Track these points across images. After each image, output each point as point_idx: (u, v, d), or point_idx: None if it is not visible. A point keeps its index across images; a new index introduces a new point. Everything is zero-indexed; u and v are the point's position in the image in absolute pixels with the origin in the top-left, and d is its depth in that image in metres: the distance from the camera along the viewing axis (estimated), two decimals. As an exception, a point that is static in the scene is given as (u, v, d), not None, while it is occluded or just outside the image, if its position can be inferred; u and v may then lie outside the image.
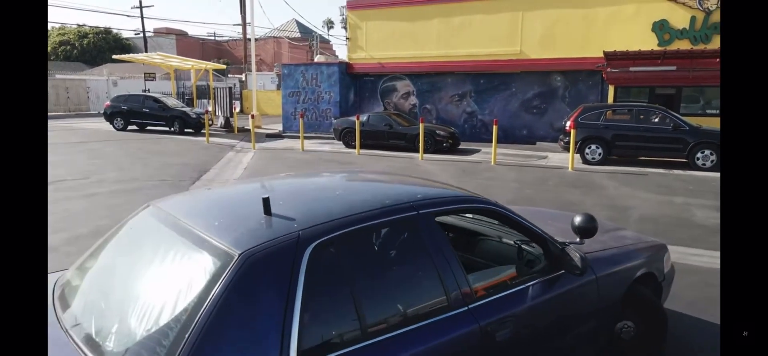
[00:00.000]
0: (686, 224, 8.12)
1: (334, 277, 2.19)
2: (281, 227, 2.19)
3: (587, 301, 3.14)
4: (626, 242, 3.83)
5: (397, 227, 2.46)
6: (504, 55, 18.16)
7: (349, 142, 17.28)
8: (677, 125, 13.18)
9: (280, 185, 3.15)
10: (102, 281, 2.52)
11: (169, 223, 2.46)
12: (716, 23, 15.22)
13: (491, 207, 3.00)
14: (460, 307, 2.44)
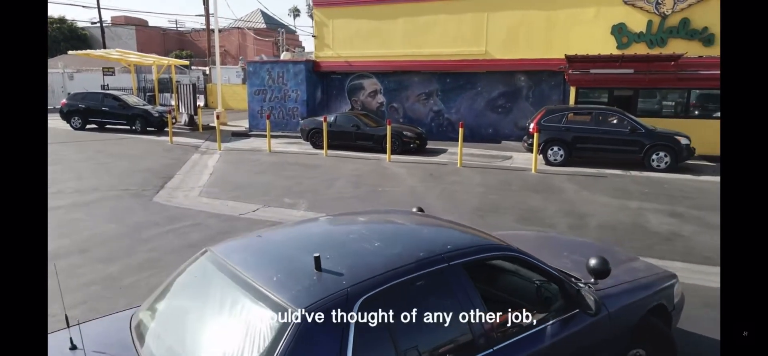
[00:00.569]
0: (641, 231, 8.51)
1: (378, 327, 2.44)
2: (332, 284, 2.49)
3: (600, 335, 3.38)
4: (638, 275, 4.02)
5: (429, 279, 2.76)
6: (470, 55, 18.40)
7: (316, 142, 17.24)
8: (634, 128, 13.70)
9: (321, 232, 3.44)
10: (172, 324, 2.83)
11: (228, 273, 2.73)
12: (671, 27, 15.82)
13: (514, 254, 3.24)
14: (485, 349, 2.74)
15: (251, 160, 15.40)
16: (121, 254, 7.10)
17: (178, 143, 18.73)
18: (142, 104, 22.22)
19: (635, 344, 3.68)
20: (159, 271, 6.47)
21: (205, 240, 7.66)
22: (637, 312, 3.65)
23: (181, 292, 3.01)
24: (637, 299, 3.69)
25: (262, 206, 9.89)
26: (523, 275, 3.48)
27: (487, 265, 3.41)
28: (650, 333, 3.74)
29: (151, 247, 7.40)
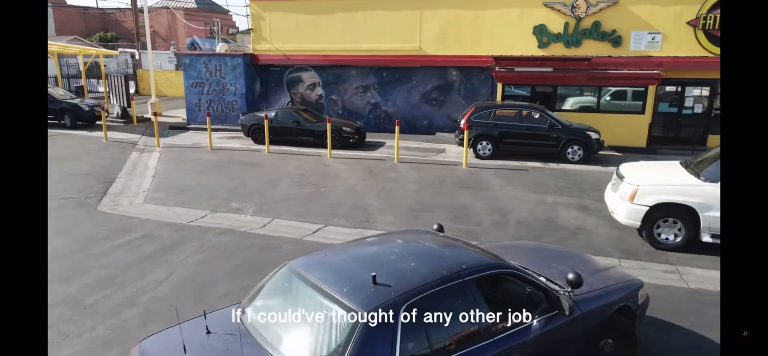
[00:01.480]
0: (552, 226, 9.77)
1: (416, 324, 3.59)
2: (384, 294, 3.61)
3: (576, 330, 4.52)
4: (609, 283, 5.12)
5: (449, 291, 3.88)
6: (405, 50, 19.24)
7: (257, 138, 17.56)
8: (552, 124, 15.13)
9: (371, 253, 4.47)
10: (270, 317, 3.88)
11: (310, 284, 3.89)
12: (585, 29, 17.36)
13: (510, 270, 4.36)
14: (488, 339, 3.90)
15: (193, 158, 15.53)
16: (75, 272, 7.42)
17: (113, 139, 18.37)
18: (70, 97, 21.42)
19: (605, 336, 4.85)
20: (118, 288, 6.90)
21: (159, 253, 8.11)
22: (605, 312, 4.78)
23: (272, 294, 4.17)
24: (606, 302, 4.80)
25: (210, 212, 10.33)
26: (516, 283, 4.53)
27: (492, 277, 4.44)
28: (616, 327, 4.90)
29: (104, 263, 7.75)
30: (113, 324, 5.98)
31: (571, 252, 6.32)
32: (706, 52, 16.50)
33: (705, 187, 8.02)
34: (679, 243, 8.32)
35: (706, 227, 8.04)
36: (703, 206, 7.98)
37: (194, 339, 3.78)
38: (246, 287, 6.83)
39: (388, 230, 9.05)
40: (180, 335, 3.74)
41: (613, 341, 4.87)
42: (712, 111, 17.40)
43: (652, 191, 8.38)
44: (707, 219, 7.97)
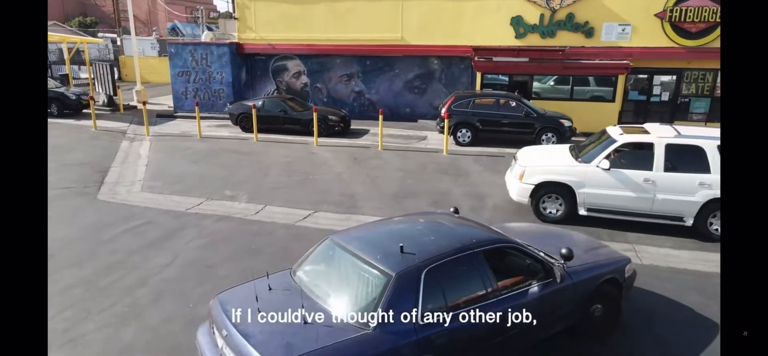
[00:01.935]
0: (522, 211, 10.60)
1: (434, 283, 4.49)
2: (410, 259, 4.52)
3: (567, 295, 5.38)
4: (598, 258, 6.05)
5: (462, 260, 4.77)
6: (387, 40, 19.84)
7: (245, 126, 18.08)
8: (528, 112, 15.97)
9: (399, 230, 5.35)
10: (320, 278, 4.93)
11: (350, 252, 4.81)
12: (560, 20, 18.16)
13: (511, 245, 5.27)
14: (492, 299, 4.78)
15: (184, 147, 16.02)
16: (86, 257, 8.04)
17: (102, 128, 18.72)
18: (56, 85, 21.57)
19: (595, 301, 5.73)
20: (128, 271, 7.55)
21: (162, 239, 8.75)
22: (594, 281, 5.67)
23: (317, 261, 5.12)
24: (594, 274, 5.70)
25: (205, 200, 10.95)
26: (517, 255, 5.35)
27: (497, 250, 5.23)
28: (604, 295, 5.79)
29: (112, 249, 8.37)
30: (129, 302, 6.65)
31: (569, 233, 7.20)
32: (672, 43, 17.45)
33: (580, 167, 9.36)
34: (560, 216, 9.59)
35: (581, 202, 9.41)
36: (578, 184, 9.33)
37: (261, 294, 4.66)
38: (246, 268, 7.56)
39: (376, 215, 9.83)
40: (249, 290, 4.70)
41: (602, 306, 5.80)
42: (678, 99, 18.43)
43: (536, 172, 9.67)
44: (582, 195, 9.34)
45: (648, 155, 9.07)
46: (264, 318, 4.30)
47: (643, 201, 9.08)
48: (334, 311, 4.38)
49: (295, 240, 8.77)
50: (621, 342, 5.92)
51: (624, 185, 9.13)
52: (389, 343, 4.15)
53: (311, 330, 4.17)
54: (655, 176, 8.99)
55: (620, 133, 9.62)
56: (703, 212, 8.79)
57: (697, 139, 8.89)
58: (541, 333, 5.31)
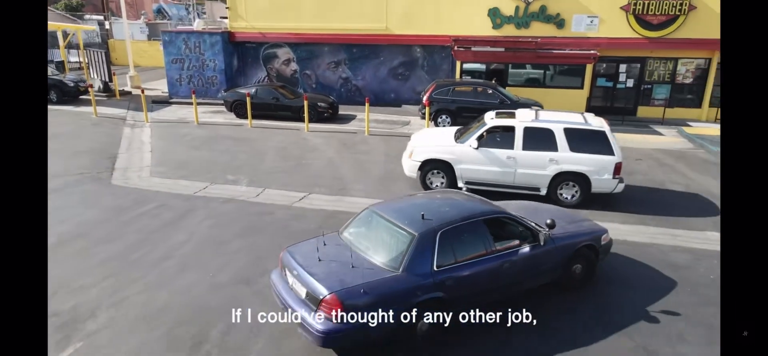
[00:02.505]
0: (490, 195, 12.04)
1: (447, 242, 6.07)
2: (429, 223, 6.10)
3: (551, 256, 6.98)
4: (579, 229, 7.56)
5: (467, 225, 6.36)
6: (372, 30, 20.97)
7: (239, 113, 19.20)
8: (502, 100, 17.33)
9: (422, 203, 6.83)
10: (362, 237, 6.53)
11: (385, 219, 6.47)
12: (533, 12, 19.45)
13: (505, 214, 6.82)
14: (490, 255, 6.39)
15: (183, 134, 17.13)
16: (114, 235, 9.29)
17: (102, 114, 19.69)
18: (54, 73, 22.36)
19: (575, 262, 7.37)
20: (153, 247, 8.83)
21: (176, 219, 10.01)
22: (573, 246, 7.24)
23: (359, 225, 6.79)
24: (573, 240, 7.27)
25: (210, 184, 12.19)
26: (511, 223, 6.90)
27: (495, 219, 6.74)
28: (583, 257, 7.40)
29: (135, 229, 9.63)
30: (159, 272, 7.95)
31: (559, 209, 8.84)
32: (636, 34, 18.88)
33: (457, 147, 11.15)
34: (443, 188, 11.25)
35: (459, 177, 11.20)
36: (455, 161, 11.13)
37: (319, 247, 6.36)
38: (253, 243, 8.90)
39: (364, 197, 11.21)
40: (310, 244, 6.51)
41: (581, 266, 7.48)
42: (641, 85, 19.95)
43: (423, 151, 11.41)
44: (459, 170, 11.16)
45: (510, 137, 10.87)
46: (322, 262, 6.01)
47: (507, 175, 10.94)
48: (373, 259, 6.08)
49: (294, 220, 10.11)
50: (594, 291, 7.53)
51: (491, 161, 10.94)
52: (412, 282, 5.80)
53: (357, 271, 5.81)
54: (516, 154, 10.79)
55: (492, 118, 11.34)
56: (553, 184, 10.72)
57: (549, 123, 10.73)
58: (530, 284, 7.04)
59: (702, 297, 7.50)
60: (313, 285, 5.67)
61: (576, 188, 10.76)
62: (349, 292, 5.52)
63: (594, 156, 10.52)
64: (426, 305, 5.89)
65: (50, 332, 6.48)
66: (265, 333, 6.44)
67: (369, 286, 5.61)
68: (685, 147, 16.34)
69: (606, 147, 10.50)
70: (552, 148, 10.61)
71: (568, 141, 10.58)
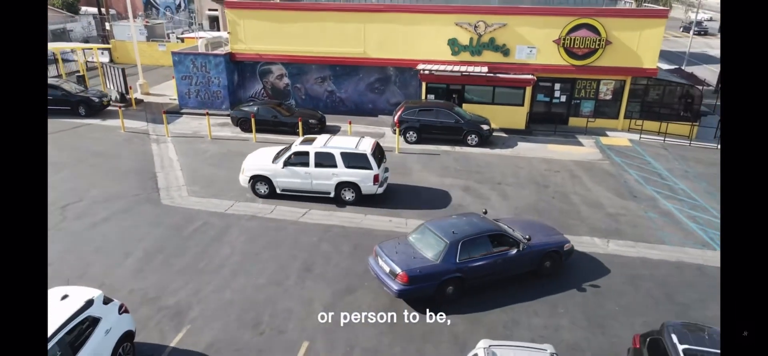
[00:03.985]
0: (448, 205, 16.65)
1: (465, 246, 11.65)
2: (456, 236, 11.73)
3: (527, 256, 12.28)
4: (548, 239, 12.69)
5: (478, 238, 11.91)
6: (352, 54, 25.06)
7: (244, 128, 23.34)
8: (457, 119, 21.83)
9: (452, 222, 12.28)
10: (418, 239, 12.12)
11: (430, 230, 12.14)
12: (484, 43, 23.73)
13: (502, 231, 12.23)
14: (491, 256, 11.93)
15: (202, 150, 21.21)
16: (182, 250, 13.67)
17: (128, 128, 23.60)
18: (80, 90, 25.94)
19: (545, 260, 12.46)
20: (211, 259, 13.26)
21: (219, 235, 14.39)
22: (543, 250, 12.39)
23: (419, 233, 12.24)
24: (543, 248, 12.39)
25: (235, 202, 16.53)
26: (504, 235, 12.11)
27: (494, 234, 11.86)
28: (550, 258, 12.51)
29: (194, 244, 14.01)
30: (220, 277, 12.43)
31: (543, 225, 13.79)
32: (566, 62, 23.40)
33: (273, 166, 16.26)
34: (266, 193, 16.58)
35: (277, 185, 16.43)
36: (272, 176, 16.30)
37: (396, 245, 11.79)
38: (276, 254, 13.41)
39: (350, 213, 15.72)
40: (391, 243, 11.99)
41: (550, 263, 12.33)
42: (572, 101, 24.60)
43: (250, 170, 16.54)
44: (275, 182, 16.36)
45: (307, 158, 16.12)
46: (398, 254, 11.22)
47: (306, 184, 16.36)
48: (425, 253, 11.30)
49: (301, 234, 14.61)
50: (559, 274, 12.31)
51: (295, 175, 16.26)
52: (444, 267, 11.05)
53: (416, 259, 11.14)
54: (310, 170, 16.14)
55: (296, 145, 16.40)
56: (337, 189, 16.22)
57: (331, 148, 16.04)
58: (514, 272, 12.16)
59: (566, 282, 12.33)
60: (393, 266, 11.11)
61: (353, 191, 16.18)
62: (411, 270, 10.93)
63: (361, 170, 15.93)
64: (451, 280, 11.24)
65: (166, 319, 10.98)
66: (294, 317, 11.06)
67: (422, 268, 11.03)
68: (595, 159, 21.14)
69: (368, 164, 15.86)
70: (333, 165, 15.98)
71: (343, 161, 15.92)
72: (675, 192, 18.16)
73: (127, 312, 9.75)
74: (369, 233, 14.75)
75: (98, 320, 8.99)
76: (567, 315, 11.46)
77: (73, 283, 11.88)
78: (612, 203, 17.08)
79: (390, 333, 10.74)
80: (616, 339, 10.66)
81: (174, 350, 10.13)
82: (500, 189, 17.96)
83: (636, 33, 22.44)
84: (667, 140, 23.34)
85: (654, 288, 12.55)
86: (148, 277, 12.48)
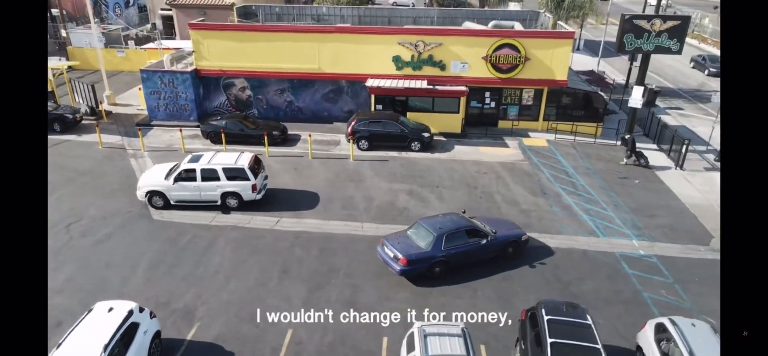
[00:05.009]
0: (395, 209, 20.34)
1: (448, 238, 16.15)
2: (441, 230, 16.27)
3: (494, 245, 16.83)
4: (510, 232, 17.33)
5: (457, 232, 16.45)
6: (308, 69, 28.10)
7: (214, 140, 26.09)
8: (402, 129, 25.49)
9: (439, 220, 16.89)
10: (414, 232, 16.71)
11: (423, 226, 16.67)
12: (424, 59, 27.31)
13: (475, 226, 16.90)
14: (467, 245, 16.45)
15: (178, 164, 23.88)
16: (180, 260, 16.75)
17: (106, 143, 25.81)
18: (54, 107, 27.71)
19: (508, 247, 17.05)
20: (206, 266, 16.43)
21: (208, 245, 17.51)
22: (506, 240, 17.01)
23: (414, 228, 16.86)
24: (506, 239, 17.01)
25: (217, 214, 19.58)
26: (478, 229, 16.60)
27: (469, 228, 16.02)
28: (512, 246, 17.10)
29: (189, 254, 17.10)
30: (216, 282, 15.68)
31: (507, 221, 18.13)
32: (493, 75, 27.41)
33: (165, 182, 19.26)
34: (161, 205, 19.56)
35: (170, 198, 19.45)
36: (166, 190, 19.28)
37: (397, 237, 16.45)
38: (259, 260, 16.73)
39: (315, 218, 19.17)
40: (395, 234, 16.73)
41: (512, 249, 16.92)
42: (500, 106, 28.75)
43: (145, 186, 19.53)
44: (168, 195, 19.39)
45: (194, 174, 19.31)
46: (399, 243, 15.90)
47: (195, 196, 19.52)
48: (419, 243, 15.87)
49: (278, 241, 17.96)
50: (519, 256, 16.09)
51: (185, 189, 19.42)
52: (433, 253, 15.63)
53: (413, 247, 15.76)
54: (198, 184, 19.34)
55: (185, 163, 19.56)
56: (222, 198, 19.49)
57: (215, 165, 19.35)
58: (485, 257, 16.57)
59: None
60: (396, 253, 15.41)
61: (236, 199, 19.53)
62: (409, 255, 15.29)
63: (241, 182, 19.35)
64: (438, 263, 15.53)
65: (179, 319, 14.22)
66: (279, 311, 14.54)
67: (417, 254, 15.39)
68: (517, 160, 25.38)
69: (246, 176, 19.33)
70: (217, 179, 19.34)
71: (225, 175, 19.29)
72: (576, 188, 22.63)
73: (154, 316, 12.96)
74: (331, 238, 18.29)
75: (137, 325, 12.18)
76: (483, 295, 15.51)
77: (94, 294, 14.81)
78: (526, 201, 21.32)
79: (351, 318, 14.41)
80: (516, 313, 14.75)
81: (191, 342, 13.45)
82: (438, 192, 21.85)
83: (549, 51, 26.66)
84: (577, 138, 27.92)
85: (548, 270, 16.82)
86: (157, 285, 15.58)
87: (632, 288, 16.14)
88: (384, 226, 18.91)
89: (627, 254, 17.83)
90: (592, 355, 11.25)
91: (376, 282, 15.94)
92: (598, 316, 14.39)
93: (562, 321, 12.04)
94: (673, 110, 34.22)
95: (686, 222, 20.07)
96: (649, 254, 17.91)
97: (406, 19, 35.06)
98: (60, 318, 13.95)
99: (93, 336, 11.29)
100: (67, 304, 14.56)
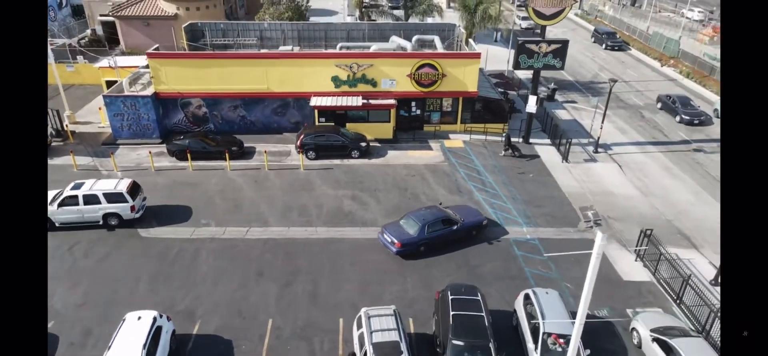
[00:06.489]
0: (342, 213, 25.37)
1: (429, 226, 22.73)
2: (425, 220, 22.88)
3: (463, 230, 23.44)
4: (475, 219, 23.99)
5: (436, 221, 22.99)
6: (258, 89, 32.18)
7: (179, 157, 29.85)
8: (342, 139, 30.37)
9: (423, 212, 23.45)
10: (405, 222, 23.19)
11: (411, 217, 23.27)
12: (358, 78, 32.09)
13: (450, 216, 23.44)
14: (442, 231, 22.98)
15: (153, 183, 27.41)
16: (173, 272, 21.06)
17: (80, 165, 28.91)
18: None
19: (473, 231, 23.71)
20: (195, 276, 20.89)
21: (192, 258, 21.91)
22: (472, 225, 23.68)
23: (405, 218, 23.30)
24: (472, 223, 23.70)
25: (195, 228, 23.84)
26: (451, 218, 23.01)
27: (445, 218, 22.10)
28: (476, 228, 23.76)
29: (179, 267, 21.43)
30: (206, 288, 20.21)
31: (470, 209, 24.23)
32: (417, 89, 32.68)
33: (51, 207, 22.76)
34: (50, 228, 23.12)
35: (55, 221, 22.95)
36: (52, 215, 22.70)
37: (393, 226, 22.84)
38: (237, 266, 21.41)
39: (278, 226, 23.90)
40: (391, 223, 23.17)
41: (475, 232, 23.25)
42: (424, 113, 34.19)
43: None
44: (54, 218, 22.85)
45: (77, 199, 22.64)
46: (394, 231, 22.33)
47: (80, 217, 22.88)
48: (408, 231, 22.33)
49: (250, 249, 22.58)
50: (480, 237, 21.38)
51: (71, 213, 22.75)
52: (418, 238, 22.12)
53: (404, 233, 22.26)
54: (81, 208, 22.78)
55: (68, 190, 22.86)
56: (104, 219, 23.01)
57: (95, 190, 22.74)
58: (456, 239, 23.05)
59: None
60: (392, 238, 21.92)
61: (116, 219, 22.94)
62: (402, 240, 21.86)
63: (120, 204, 22.94)
64: (423, 244, 22.10)
65: (181, 319, 18.75)
66: (259, 306, 19.38)
67: (408, 239, 21.97)
68: (439, 161, 30.99)
69: (124, 199, 22.88)
70: (98, 202, 22.81)
71: (105, 199, 22.74)
72: (485, 185, 28.55)
73: (170, 319, 17.48)
74: (293, 242, 23.11)
75: (161, 327, 16.69)
76: (410, 281, 21.03)
77: (110, 305, 19.01)
78: (445, 199, 26.97)
79: (315, 308, 19.51)
80: (432, 294, 20.35)
81: (198, 336, 18.08)
82: (376, 195, 27.07)
83: (462, 68, 32.23)
84: (488, 138, 33.92)
85: (460, 257, 22.58)
86: (159, 293, 19.93)
87: (518, 266, 22.21)
88: (334, 228, 23.97)
89: (518, 239, 23.91)
90: (479, 321, 16.99)
91: (331, 277, 21.02)
92: (493, 290, 20.30)
93: (461, 299, 17.72)
94: (568, 103, 41.09)
95: (563, 209, 26.48)
96: (533, 238, 24.10)
97: (341, 31, 39.44)
98: (89, 327, 18.13)
99: (132, 340, 15.72)
100: (91, 315, 18.69)
